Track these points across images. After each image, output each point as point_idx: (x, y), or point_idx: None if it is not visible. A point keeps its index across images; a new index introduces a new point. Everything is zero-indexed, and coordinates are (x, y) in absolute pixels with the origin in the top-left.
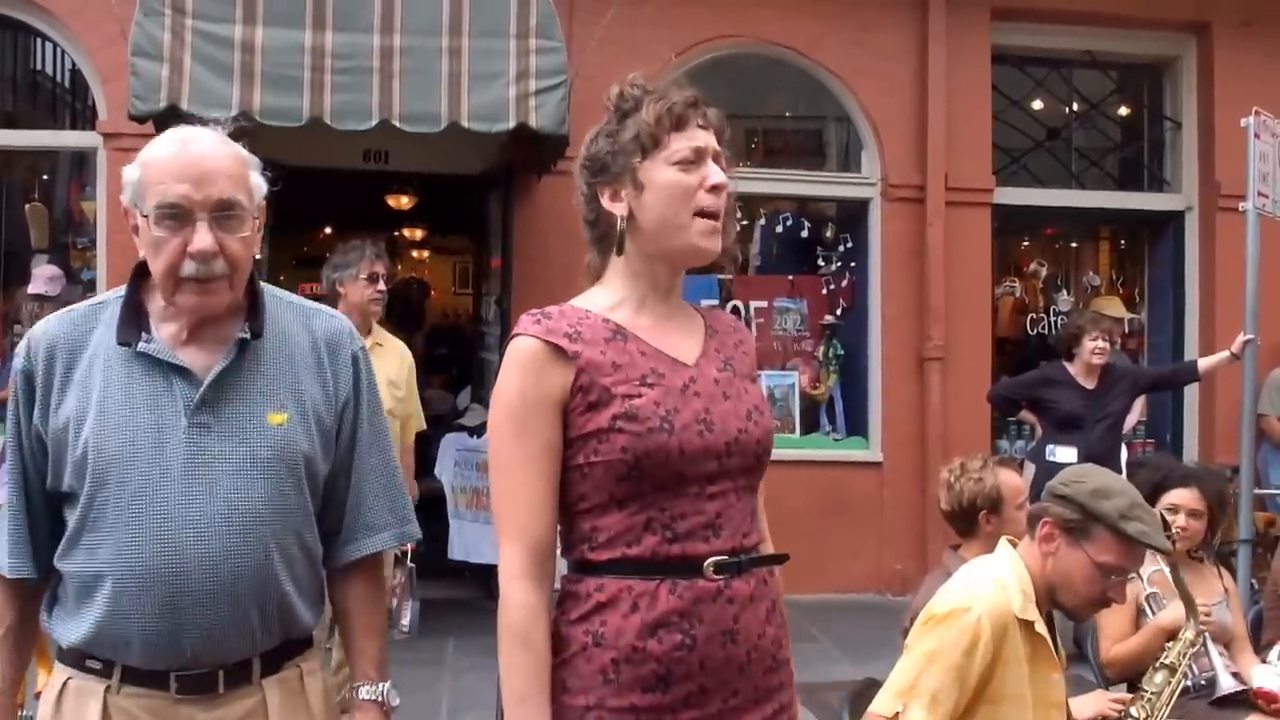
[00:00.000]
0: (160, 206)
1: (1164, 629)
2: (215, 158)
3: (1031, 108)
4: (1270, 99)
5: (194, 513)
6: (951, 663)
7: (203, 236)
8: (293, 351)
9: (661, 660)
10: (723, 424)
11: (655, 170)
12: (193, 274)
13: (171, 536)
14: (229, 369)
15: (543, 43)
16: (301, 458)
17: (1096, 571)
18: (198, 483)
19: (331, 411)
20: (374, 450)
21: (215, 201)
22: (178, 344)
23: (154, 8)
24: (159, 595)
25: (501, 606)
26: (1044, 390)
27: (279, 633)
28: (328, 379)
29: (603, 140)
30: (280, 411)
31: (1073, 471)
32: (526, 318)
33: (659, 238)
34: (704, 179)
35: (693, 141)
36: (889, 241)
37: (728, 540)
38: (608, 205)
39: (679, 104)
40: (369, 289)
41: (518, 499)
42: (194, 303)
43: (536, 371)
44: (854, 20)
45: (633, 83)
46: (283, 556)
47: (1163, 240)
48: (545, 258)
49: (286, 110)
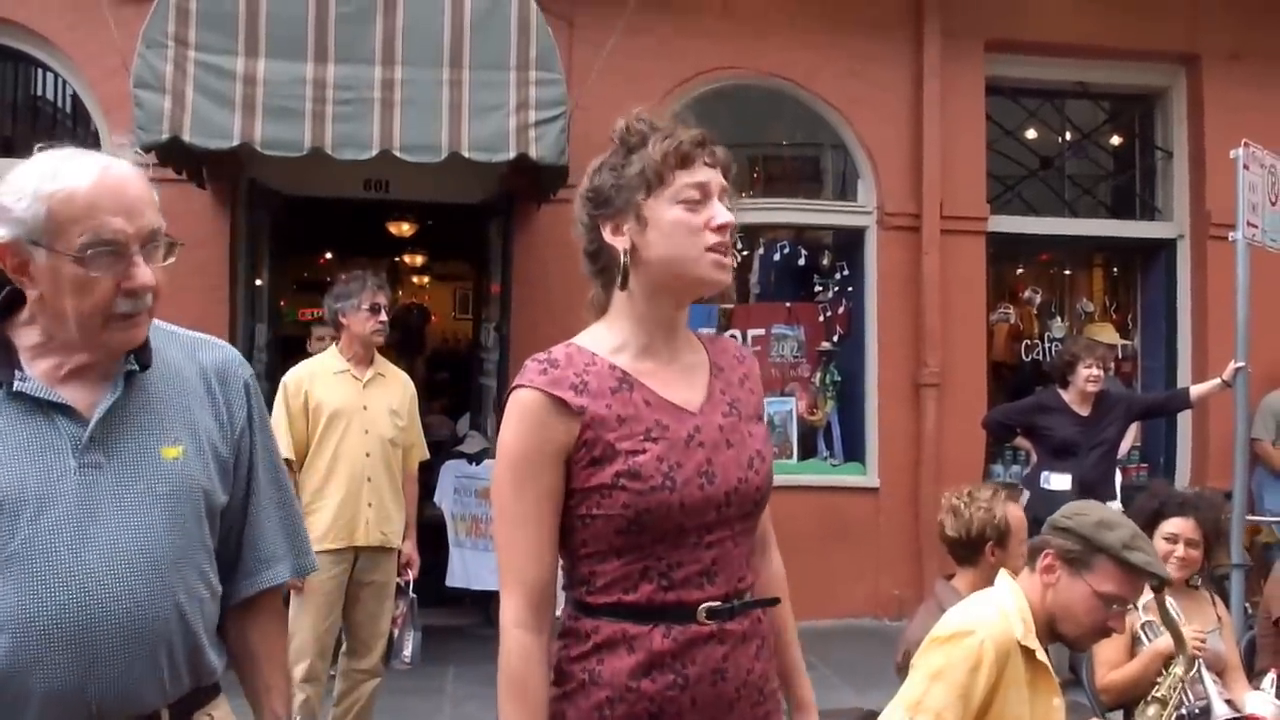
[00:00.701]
0: (95, 244)
1: (1160, 654)
2: (137, 182)
3: (1025, 137)
4: (1259, 129)
5: (93, 558)
6: (956, 681)
7: (143, 272)
8: (182, 383)
9: (654, 699)
10: (724, 474)
11: (660, 208)
12: (127, 310)
13: (71, 585)
14: (118, 404)
15: (543, 75)
16: (201, 492)
17: (1098, 601)
18: (95, 525)
19: (227, 442)
20: (270, 481)
21: (147, 233)
22: (55, 380)
23: (157, 40)
24: (62, 648)
25: (501, 652)
26: (1039, 417)
27: (189, 680)
28: (221, 409)
29: (607, 173)
30: (175, 445)
31: (1074, 506)
32: (533, 365)
33: (664, 273)
34: (709, 218)
35: (698, 179)
36: (885, 269)
37: (722, 586)
38: (609, 238)
39: (686, 142)
40: (371, 320)
41: (518, 548)
42: (123, 339)
43: (540, 424)
44: (850, 52)
45: (638, 117)
46: (190, 598)
47: (1155, 267)
48: (545, 285)
49: (288, 141)
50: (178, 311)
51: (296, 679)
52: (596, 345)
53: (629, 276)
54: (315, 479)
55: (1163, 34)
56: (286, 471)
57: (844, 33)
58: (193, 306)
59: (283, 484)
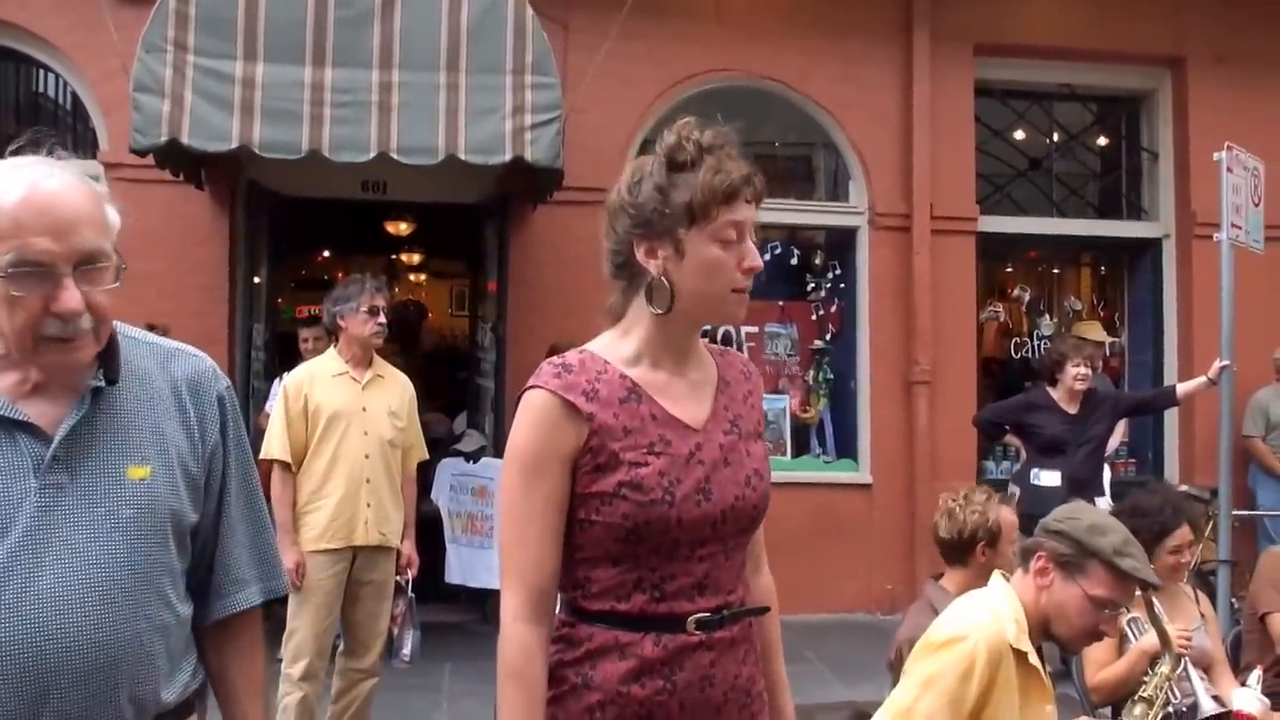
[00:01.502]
0: (18, 264)
1: (1147, 652)
2: (72, 201)
3: (1014, 139)
4: (1242, 132)
5: (53, 585)
6: (947, 687)
7: (71, 295)
8: (153, 397)
9: (644, 704)
10: (720, 492)
11: (699, 243)
12: (57, 334)
13: (29, 614)
14: (83, 421)
15: (538, 79)
16: (168, 512)
17: (1090, 605)
18: (52, 551)
19: (198, 460)
20: (243, 499)
21: (80, 254)
22: (20, 395)
23: (156, 44)
24: (19, 682)
25: (501, 646)
26: (1028, 415)
27: (151, 711)
28: (192, 425)
29: (651, 191)
30: (142, 465)
31: (1067, 509)
32: (548, 368)
33: (692, 304)
34: (741, 259)
35: (737, 217)
36: (876, 269)
37: (712, 599)
38: (641, 258)
39: (736, 180)
40: (369, 322)
41: (522, 547)
42: (58, 361)
43: (551, 426)
44: (841, 55)
45: (687, 136)
46: (151, 625)
47: (1141, 266)
48: (541, 285)
49: (286, 143)
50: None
51: (295, 677)
52: (609, 354)
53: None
54: (314, 480)
55: (1148, 37)
56: (260, 489)
57: (835, 36)
58: (192, 305)
59: (256, 503)
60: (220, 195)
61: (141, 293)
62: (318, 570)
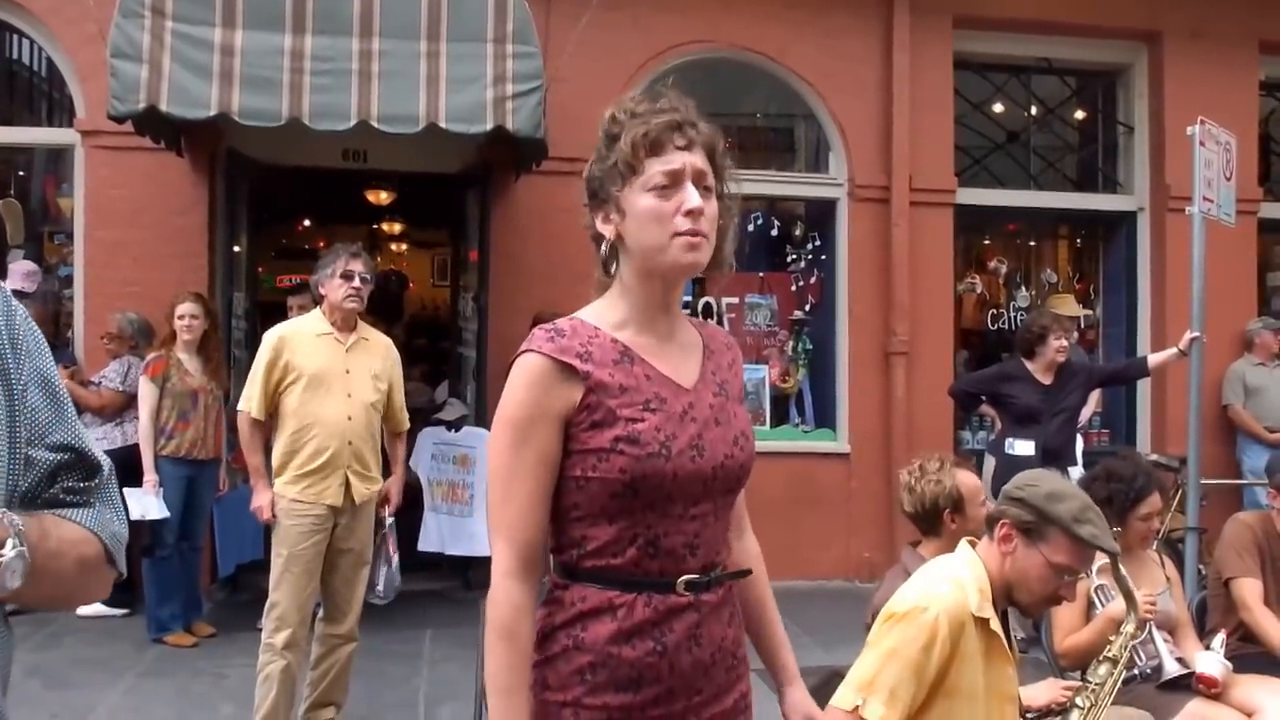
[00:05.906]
0: None
1: (1113, 619)
2: None
3: (992, 112)
4: (1217, 106)
5: None
6: (910, 659)
7: None
8: None
9: (635, 665)
10: (712, 449)
11: (633, 197)
12: None
13: None
14: None
15: (519, 48)
16: None
17: (1051, 571)
18: None
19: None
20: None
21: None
22: None
23: (133, 10)
24: None
25: (490, 601)
26: (1003, 386)
27: None
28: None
29: (595, 165)
30: None
31: (1027, 475)
32: (540, 333)
33: (644, 258)
34: (680, 204)
35: (669, 165)
36: (855, 240)
37: (703, 559)
38: (600, 227)
39: (655, 128)
40: (344, 286)
41: (512, 505)
42: None
43: (545, 388)
44: (821, 27)
45: (624, 107)
46: None
47: (1116, 239)
48: (523, 255)
49: (265, 111)
50: (158, 278)
51: (278, 646)
52: (599, 320)
53: (610, 263)
54: (296, 441)
55: (1125, 12)
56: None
57: (816, 8)
58: (172, 274)
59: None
60: (200, 163)
61: (120, 260)
62: (300, 540)
